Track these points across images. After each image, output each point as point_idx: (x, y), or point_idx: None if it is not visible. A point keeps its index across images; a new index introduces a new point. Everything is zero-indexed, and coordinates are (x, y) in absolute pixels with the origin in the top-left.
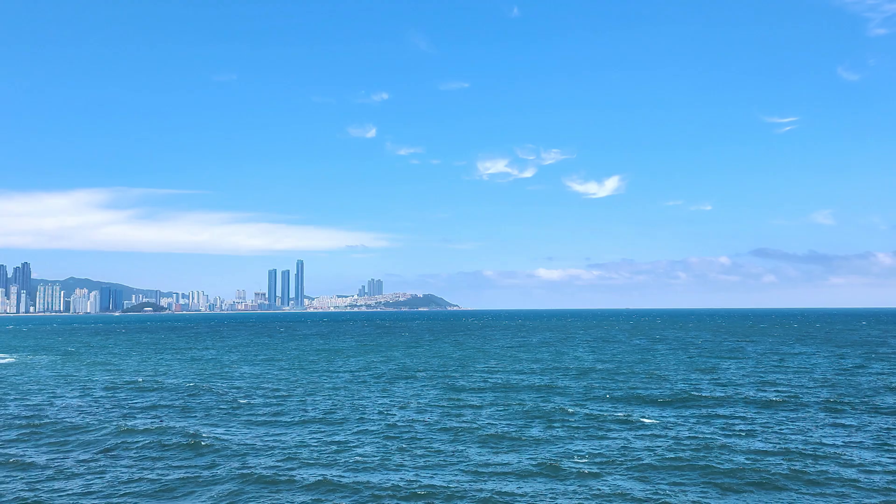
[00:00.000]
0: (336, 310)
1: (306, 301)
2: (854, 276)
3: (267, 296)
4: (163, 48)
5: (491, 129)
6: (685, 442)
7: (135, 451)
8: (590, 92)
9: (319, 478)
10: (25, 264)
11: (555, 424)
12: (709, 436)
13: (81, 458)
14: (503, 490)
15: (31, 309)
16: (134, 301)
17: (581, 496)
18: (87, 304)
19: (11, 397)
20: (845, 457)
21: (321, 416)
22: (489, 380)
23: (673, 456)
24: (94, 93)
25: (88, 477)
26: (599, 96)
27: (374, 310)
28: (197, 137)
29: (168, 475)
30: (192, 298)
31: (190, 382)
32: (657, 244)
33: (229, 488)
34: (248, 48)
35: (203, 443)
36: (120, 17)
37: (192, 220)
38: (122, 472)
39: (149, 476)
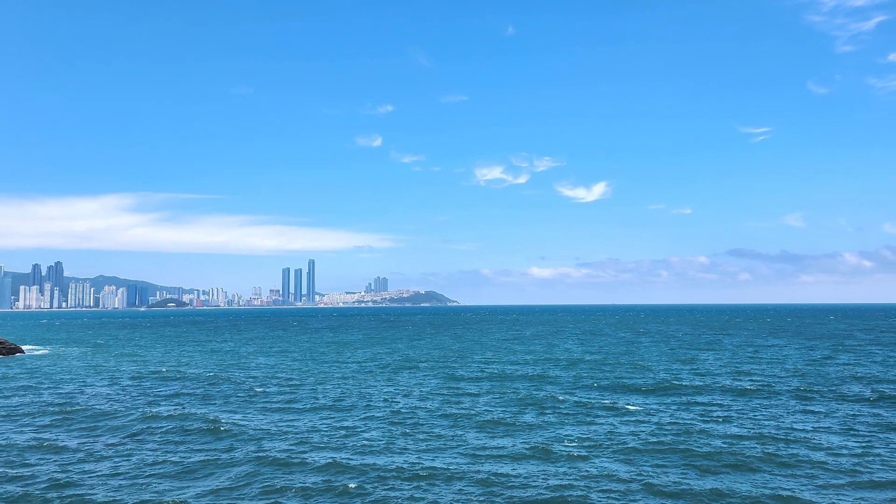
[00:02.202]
0: (344, 305)
1: (317, 297)
2: (822, 274)
3: (281, 292)
4: (185, 64)
5: (487, 138)
6: (667, 427)
7: (159, 435)
8: (579, 104)
9: (329, 460)
10: (58, 263)
11: (546, 411)
12: (688, 421)
13: (110, 442)
14: (499, 472)
15: (64, 304)
16: (158, 297)
17: (571, 477)
18: (115, 300)
19: (45, 386)
20: (814, 441)
21: (331, 404)
22: (486, 370)
23: (655, 440)
24: (121, 104)
25: (116, 459)
26: (588, 108)
27: (380, 305)
28: (216, 146)
29: (190, 458)
30: (212, 295)
31: (210, 372)
32: (641, 245)
33: (246, 470)
34: (263, 64)
35: (222, 428)
36: (146, 35)
37: (211, 223)
38: (148, 455)
39: (172, 459)
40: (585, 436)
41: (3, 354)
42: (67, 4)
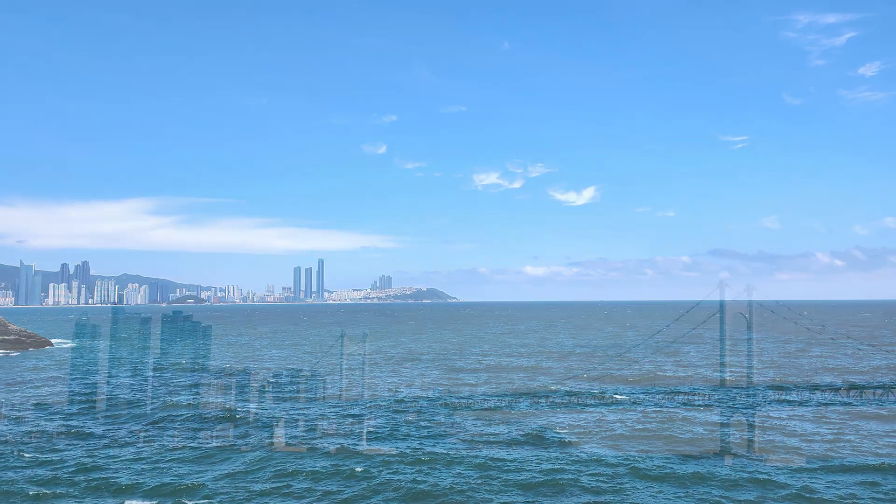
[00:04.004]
0: (351, 302)
1: (326, 294)
2: (797, 272)
3: (292, 290)
4: (205, 77)
5: (485, 146)
6: (651, 415)
7: (179, 422)
8: (570, 114)
9: (337, 446)
10: (85, 262)
11: (539, 400)
12: (672, 409)
13: (133, 428)
14: (495, 457)
15: (90, 301)
16: (178, 294)
17: (562, 462)
18: (138, 296)
19: (73, 377)
20: (789, 428)
21: (339, 393)
22: (483, 362)
23: (641, 427)
24: (145, 115)
25: (139, 445)
26: (578, 117)
27: (385, 302)
28: (233, 153)
29: (207, 443)
30: (228, 292)
31: (226, 364)
32: (628, 245)
33: (260, 455)
34: (276, 77)
35: (237, 416)
36: (170, 51)
37: (228, 225)
38: (168, 441)
39: (191, 444)
40: (576, 423)
41: (34, 347)
42: (98, 22)
